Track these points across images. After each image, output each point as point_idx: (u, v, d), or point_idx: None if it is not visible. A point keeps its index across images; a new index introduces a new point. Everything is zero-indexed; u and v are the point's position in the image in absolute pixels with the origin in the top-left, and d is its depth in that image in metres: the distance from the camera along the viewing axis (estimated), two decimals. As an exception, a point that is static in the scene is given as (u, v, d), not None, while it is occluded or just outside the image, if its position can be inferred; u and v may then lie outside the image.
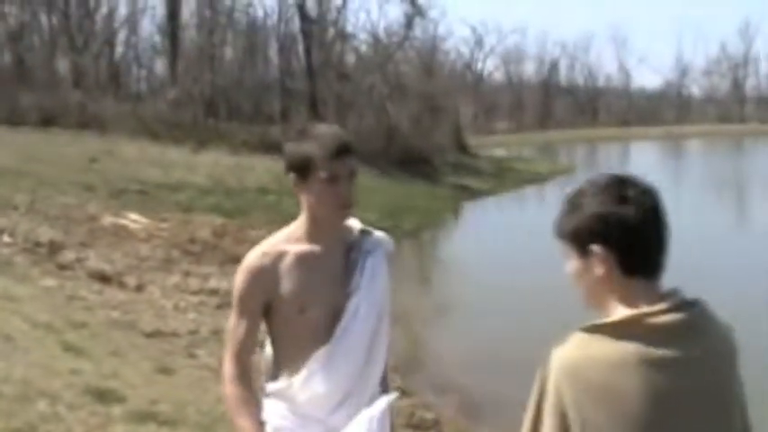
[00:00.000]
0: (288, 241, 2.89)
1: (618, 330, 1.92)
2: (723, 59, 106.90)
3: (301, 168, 2.77)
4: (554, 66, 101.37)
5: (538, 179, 37.67)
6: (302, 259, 2.84)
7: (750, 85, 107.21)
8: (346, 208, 2.82)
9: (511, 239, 20.67)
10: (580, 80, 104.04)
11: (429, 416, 8.03)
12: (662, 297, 1.97)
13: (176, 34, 39.69)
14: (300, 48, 39.91)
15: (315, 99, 35.77)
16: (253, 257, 2.87)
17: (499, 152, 51.71)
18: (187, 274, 12.37)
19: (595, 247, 1.99)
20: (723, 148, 65.32)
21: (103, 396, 6.03)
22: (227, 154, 27.58)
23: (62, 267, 11.27)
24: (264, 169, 25.74)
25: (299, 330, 2.82)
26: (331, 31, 39.93)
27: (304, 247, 2.86)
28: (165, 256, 13.31)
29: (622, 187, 2.00)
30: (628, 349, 1.90)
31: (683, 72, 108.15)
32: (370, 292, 2.87)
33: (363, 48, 42.48)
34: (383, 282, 2.94)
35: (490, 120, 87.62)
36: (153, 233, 14.79)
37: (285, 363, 2.88)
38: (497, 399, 8.63)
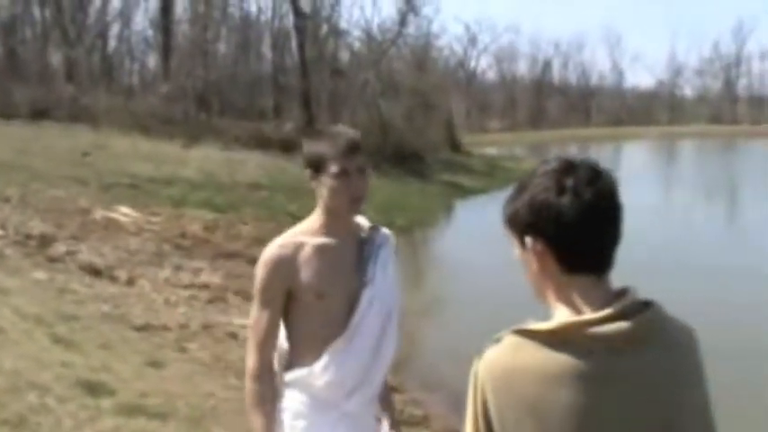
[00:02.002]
0: (305, 234, 3.06)
1: (553, 338, 1.71)
2: (716, 59, 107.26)
3: (315, 165, 2.96)
4: (547, 64, 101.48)
5: (529, 178, 37.67)
6: (319, 250, 3.01)
7: (742, 85, 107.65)
8: (356, 201, 2.98)
9: (501, 237, 20.65)
10: (573, 79, 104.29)
11: (418, 412, 8.06)
12: (608, 299, 1.75)
13: (169, 29, 39.59)
14: (294, 44, 39.81)
15: (308, 95, 35.69)
16: (272, 249, 3.02)
17: (491, 151, 51.74)
18: (178, 268, 12.36)
19: (529, 240, 1.80)
20: (714, 148, 65.47)
21: (93, 389, 6.04)
22: (219, 149, 27.55)
23: (53, 260, 11.25)
24: (256, 165, 25.73)
25: (317, 318, 2.99)
26: (324, 28, 39.86)
27: (320, 239, 3.04)
28: (156, 251, 13.30)
29: (563, 175, 1.76)
30: (561, 361, 1.70)
31: (676, 72, 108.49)
32: (383, 283, 3.07)
33: (357, 44, 42.45)
34: (393, 274, 3.14)
35: (483, 118, 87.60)
36: (144, 227, 14.78)
37: (302, 352, 3.04)
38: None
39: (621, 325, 1.70)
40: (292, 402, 3.03)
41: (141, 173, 20.15)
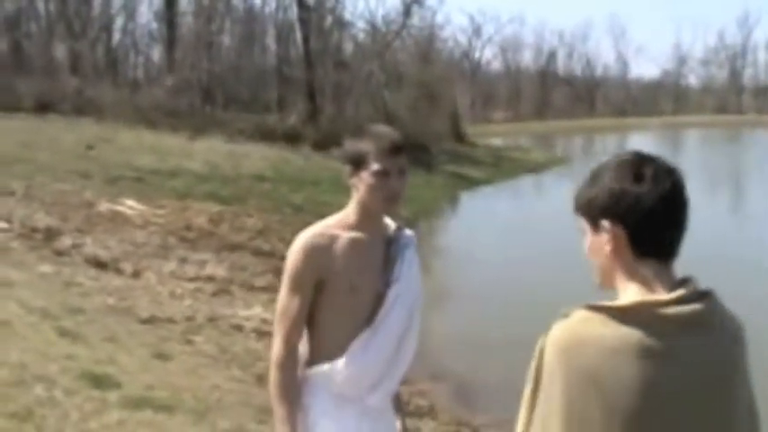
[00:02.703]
0: (339, 227, 3.10)
1: (625, 315, 1.82)
2: (721, 49, 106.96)
3: (356, 161, 3.01)
4: (552, 55, 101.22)
5: (535, 169, 37.67)
6: (353, 244, 3.06)
7: (748, 75, 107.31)
8: (392, 200, 3.02)
9: (506, 228, 20.70)
10: (578, 70, 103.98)
11: (424, 403, 8.07)
12: (675, 284, 1.87)
13: (174, 21, 39.61)
14: (298, 35, 39.73)
15: (312, 87, 35.62)
16: (306, 237, 3.06)
17: (496, 141, 51.66)
18: (183, 260, 12.37)
19: (606, 223, 1.91)
20: (720, 138, 65.33)
21: (99, 381, 6.05)
22: (223, 141, 27.55)
23: (59, 253, 11.27)
24: (261, 157, 25.72)
25: (346, 310, 3.04)
26: (329, 19, 39.81)
27: (354, 233, 3.09)
28: (162, 243, 13.31)
29: (640, 165, 1.91)
30: (630, 336, 1.79)
31: (681, 62, 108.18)
32: (408, 283, 3.14)
33: (361, 36, 42.45)
34: (417, 274, 3.21)
35: (487, 109, 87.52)
36: (149, 220, 14.79)
37: (325, 346, 3.09)
38: (492, 386, 8.67)
39: (694, 307, 1.83)
40: (315, 397, 3.08)
41: (146, 166, 20.16)
